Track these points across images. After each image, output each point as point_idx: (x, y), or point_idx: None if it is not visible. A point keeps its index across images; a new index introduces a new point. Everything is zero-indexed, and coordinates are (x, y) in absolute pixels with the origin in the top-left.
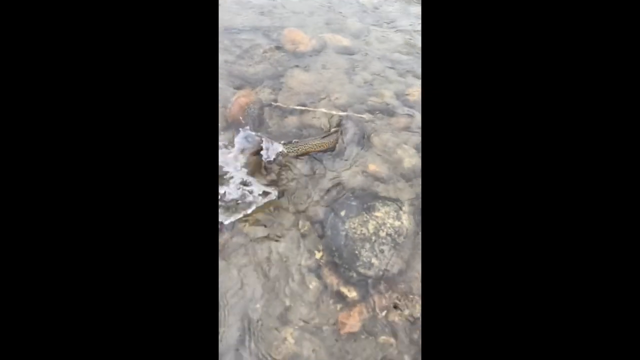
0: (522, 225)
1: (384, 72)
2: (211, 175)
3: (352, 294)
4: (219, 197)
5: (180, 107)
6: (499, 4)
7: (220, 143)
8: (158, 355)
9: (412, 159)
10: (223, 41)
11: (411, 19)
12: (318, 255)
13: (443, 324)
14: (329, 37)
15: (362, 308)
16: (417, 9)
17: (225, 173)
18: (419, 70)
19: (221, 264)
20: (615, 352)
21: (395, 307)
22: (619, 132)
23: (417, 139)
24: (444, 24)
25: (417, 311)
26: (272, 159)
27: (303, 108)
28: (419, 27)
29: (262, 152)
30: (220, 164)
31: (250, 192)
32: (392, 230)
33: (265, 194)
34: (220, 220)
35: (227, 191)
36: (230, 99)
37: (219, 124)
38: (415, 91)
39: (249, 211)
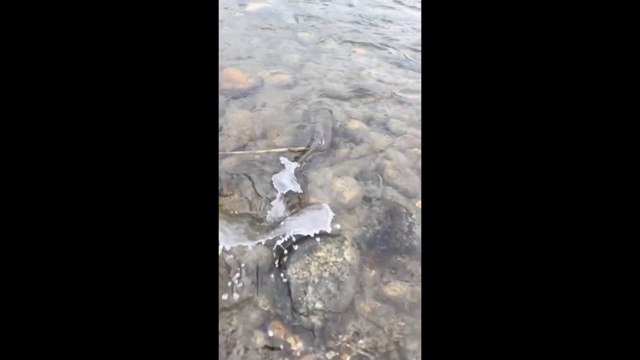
0: (524, 241)
1: (324, 104)
2: (211, 192)
3: (298, 344)
4: None
5: (179, 129)
6: (500, 22)
7: None
8: None
9: (352, 190)
10: None
11: (350, 51)
12: (265, 308)
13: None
14: (267, 74)
15: (310, 358)
16: (357, 49)
17: None
18: (356, 101)
19: None
20: (615, 352)
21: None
22: (619, 132)
23: (357, 168)
24: (445, 39)
25: (365, 350)
26: None
27: (240, 153)
28: (360, 58)
29: None
30: None
31: None
32: (335, 268)
33: None
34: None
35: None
36: None
37: None
38: (355, 120)
39: None
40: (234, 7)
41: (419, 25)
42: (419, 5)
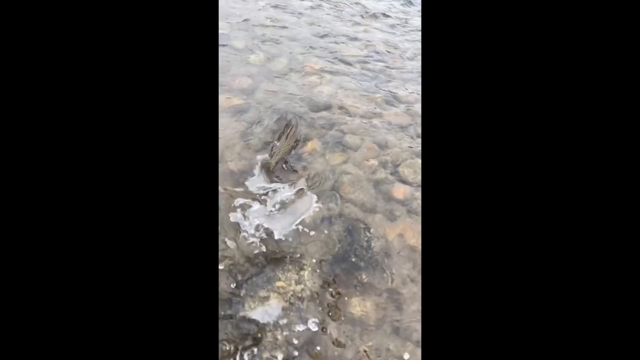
0: (526, 250)
1: (277, 127)
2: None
3: None
4: None
5: (180, 146)
6: (499, 28)
7: None
8: None
9: (310, 211)
10: None
11: (303, 70)
12: (227, 347)
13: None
14: (220, 99)
15: None
16: (310, 66)
17: None
18: (313, 115)
19: None
20: (615, 353)
21: None
22: (619, 132)
23: (315, 188)
24: (444, 45)
25: None
26: None
27: None
28: (313, 77)
29: None
30: None
31: None
32: (295, 298)
33: None
34: None
35: None
36: None
37: None
38: (310, 144)
39: None
40: None
41: (382, 40)
42: (386, 28)
